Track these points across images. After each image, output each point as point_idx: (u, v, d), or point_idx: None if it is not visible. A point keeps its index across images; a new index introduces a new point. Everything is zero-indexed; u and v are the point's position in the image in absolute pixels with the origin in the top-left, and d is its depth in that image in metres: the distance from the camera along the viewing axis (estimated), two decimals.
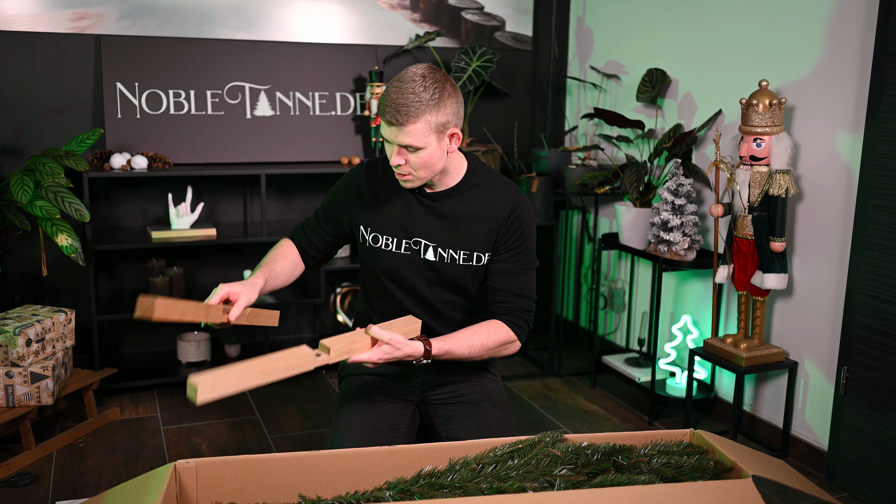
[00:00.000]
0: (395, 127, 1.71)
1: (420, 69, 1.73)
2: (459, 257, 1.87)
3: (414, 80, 1.70)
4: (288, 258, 2.00)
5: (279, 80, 3.44)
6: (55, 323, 2.66)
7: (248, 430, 2.88)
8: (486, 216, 1.86)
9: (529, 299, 1.91)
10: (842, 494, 2.49)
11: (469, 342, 1.83)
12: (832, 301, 2.58)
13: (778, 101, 2.52)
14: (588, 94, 3.77)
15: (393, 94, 1.70)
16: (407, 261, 1.88)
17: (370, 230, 1.90)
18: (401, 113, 1.69)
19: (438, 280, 1.89)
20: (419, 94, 1.69)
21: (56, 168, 2.69)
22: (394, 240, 1.88)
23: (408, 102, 1.69)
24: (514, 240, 1.87)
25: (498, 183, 1.89)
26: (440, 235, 1.86)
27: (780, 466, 1.71)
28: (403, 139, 1.72)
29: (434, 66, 1.76)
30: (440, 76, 1.73)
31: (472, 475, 1.55)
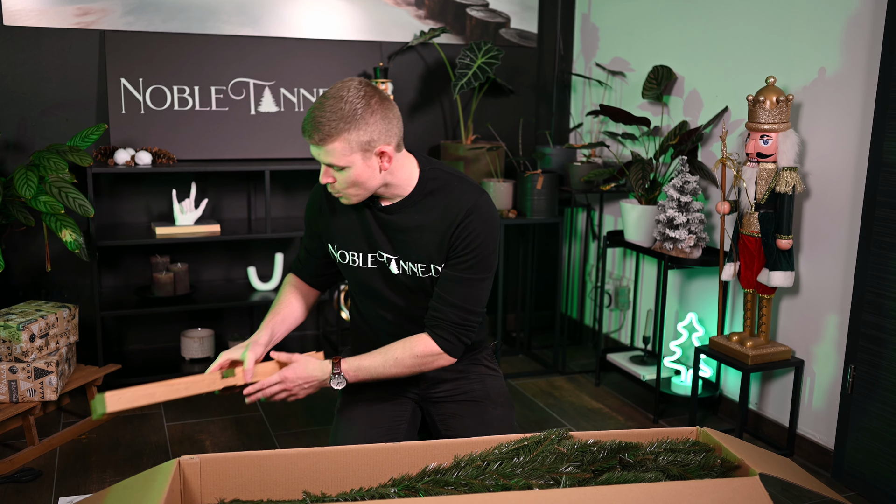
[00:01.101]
0: (315, 146, 1.66)
1: (347, 84, 1.65)
2: (418, 269, 1.82)
3: (336, 96, 1.63)
4: (294, 294, 2.00)
5: (284, 76, 3.43)
6: (59, 318, 2.66)
7: (252, 427, 2.87)
8: (439, 226, 1.78)
9: (469, 312, 1.79)
10: (848, 493, 2.47)
11: (383, 358, 1.80)
12: (839, 299, 2.56)
13: (785, 98, 2.51)
14: (593, 91, 3.76)
15: (315, 111, 1.64)
16: (376, 274, 1.86)
17: (337, 247, 1.88)
18: (318, 131, 1.63)
19: (409, 290, 1.86)
20: (338, 112, 1.62)
21: (60, 163, 2.69)
22: (359, 255, 1.85)
23: (326, 121, 1.62)
24: (464, 246, 1.76)
25: (455, 189, 1.78)
26: (399, 248, 1.82)
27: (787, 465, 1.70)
28: (326, 158, 1.67)
29: (366, 80, 1.69)
30: (367, 91, 1.65)
31: (477, 472, 1.54)
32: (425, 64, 3.71)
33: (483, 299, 1.82)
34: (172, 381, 1.82)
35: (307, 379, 1.80)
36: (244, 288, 3.44)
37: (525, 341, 3.77)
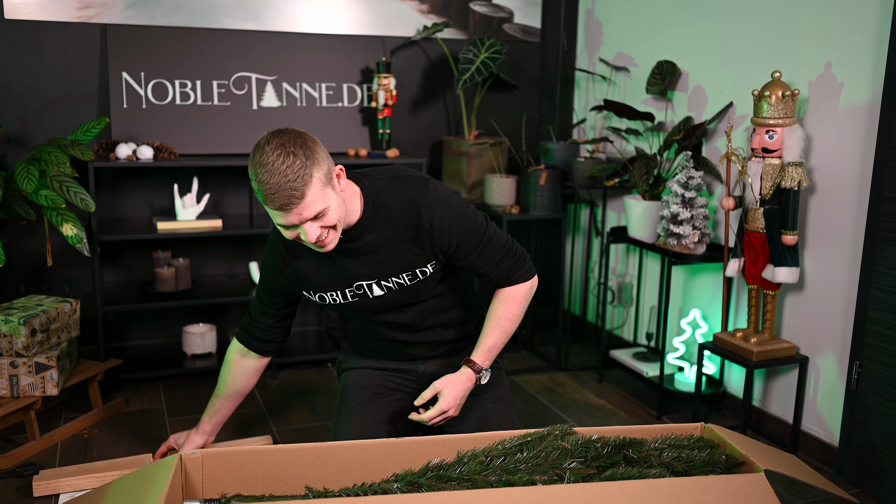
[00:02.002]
0: (293, 207, 1.60)
1: (271, 142, 1.60)
2: (404, 279, 1.83)
3: (276, 153, 1.57)
4: (236, 376, 2.08)
5: (286, 70, 3.42)
6: (60, 313, 2.65)
7: (254, 423, 2.86)
8: (404, 234, 1.78)
9: (509, 254, 1.87)
10: (853, 490, 2.46)
11: (502, 325, 1.87)
12: (844, 295, 2.55)
13: (791, 93, 2.49)
14: (597, 86, 3.74)
15: (269, 181, 1.57)
16: (360, 304, 1.86)
17: (313, 292, 1.88)
18: (294, 190, 1.58)
19: (398, 305, 1.87)
20: (293, 164, 1.57)
21: (61, 157, 2.67)
22: (337, 293, 1.85)
23: (292, 177, 1.57)
24: (456, 235, 1.79)
25: (400, 191, 1.78)
26: (375, 271, 1.81)
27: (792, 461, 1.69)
28: (308, 212, 1.62)
29: (275, 130, 1.64)
30: (291, 134, 1.62)
31: (480, 468, 1.53)
32: (428, 59, 3.69)
33: (504, 235, 1.89)
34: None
35: (462, 395, 1.85)
36: (246, 283, 3.43)
37: (528, 338, 3.76)
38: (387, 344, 1.97)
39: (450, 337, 1.97)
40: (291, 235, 1.68)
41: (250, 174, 1.62)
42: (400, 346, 1.97)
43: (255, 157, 1.60)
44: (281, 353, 3.38)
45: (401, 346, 1.97)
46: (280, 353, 3.38)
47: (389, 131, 3.48)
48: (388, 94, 3.40)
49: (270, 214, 1.65)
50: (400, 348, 1.97)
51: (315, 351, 3.47)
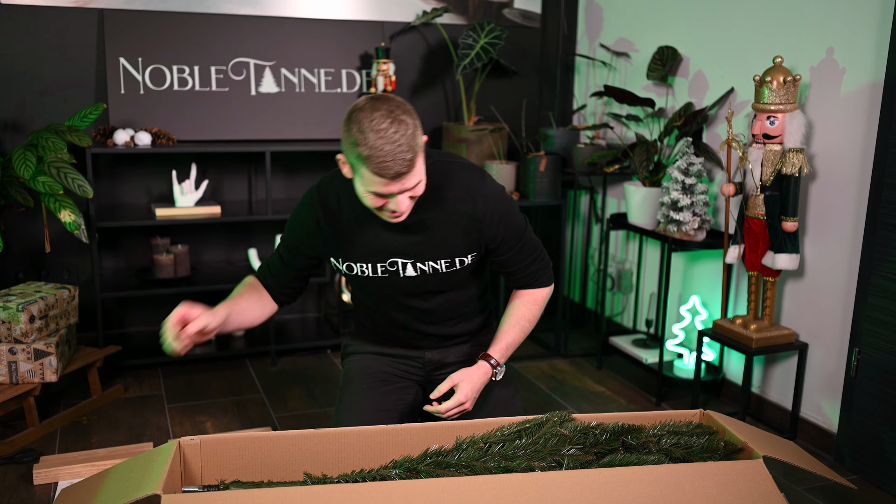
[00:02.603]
0: (403, 176, 1.56)
1: (379, 108, 1.55)
2: (441, 266, 1.80)
3: (388, 120, 1.53)
4: (255, 296, 1.90)
5: (284, 56, 3.40)
6: (58, 300, 2.65)
7: (253, 409, 2.86)
8: (456, 220, 1.76)
9: (539, 255, 1.91)
10: (851, 476, 2.46)
11: (522, 325, 1.89)
12: (844, 282, 2.54)
13: (792, 78, 2.48)
14: (597, 72, 3.72)
15: (384, 148, 1.52)
16: (387, 282, 1.82)
17: (342, 261, 1.82)
18: (406, 160, 1.54)
19: (426, 290, 1.85)
20: (406, 132, 1.54)
21: (59, 143, 2.66)
22: (368, 265, 1.80)
23: (403, 146, 1.53)
24: (503, 230, 1.80)
25: (455, 177, 1.76)
26: (415, 250, 1.78)
27: (790, 448, 1.69)
28: (411, 182, 1.59)
29: (372, 95, 1.61)
30: (394, 100, 1.58)
31: (479, 454, 1.53)
32: (427, 44, 3.67)
33: (537, 239, 1.92)
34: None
35: (479, 388, 1.84)
36: (245, 270, 3.43)
37: None
38: (396, 331, 1.94)
39: (461, 331, 1.96)
40: (377, 203, 1.62)
41: (352, 140, 1.55)
42: (410, 335, 1.94)
43: (363, 122, 1.54)
44: (281, 340, 3.38)
45: (411, 335, 1.94)
46: (280, 340, 3.38)
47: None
48: (387, 79, 3.38)
49: (364, 181, 1.58)
50: (409, 338, 1.95)
51: (314, 338, 3.47)
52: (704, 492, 1.40)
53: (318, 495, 1.34)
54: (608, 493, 1.38)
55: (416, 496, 1.34)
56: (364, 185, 1.59)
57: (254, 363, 3.31)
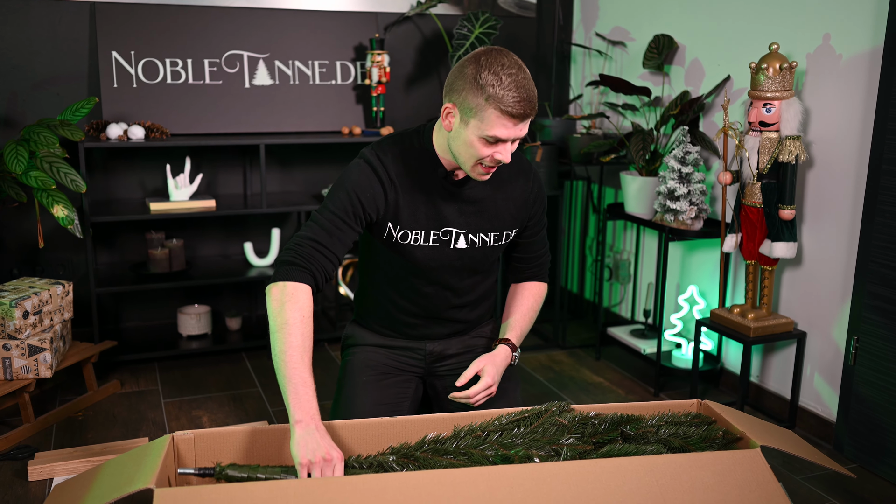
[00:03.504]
0: (528, 118, 1.63)
1: (506, 54, 1.61)
2: (490, 239, 1.84)
3: (517, 64, 1.60)
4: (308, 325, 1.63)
5: (278, 48, 3.38)
6: (52, 295, 2.63)
7: (250, 403, 2.85)
8: (510, 192, 1.84)
9: (548, 251, 2.00)
10: (850, 465, 2.46)
11: (530, 316, 1.96)
12: (842, 270, 2.53)
13: (788, 65, 2.46)
14: (593, 61, 3.70)
15: (519, 90, 1.58)
16: (435, 253, 1.81)
17: (399, 227, 1.77)
18: (534, 102, 1.61)
19: (466, 266, 1.86)
20: (529, 77, 1.62)
21: (51, 138, 2.64)
22: (422, 233, 1.79)
23: (531, 89, 1.60)
24: (537, 209, 1.91)
25: (514, 163, 1.86)
26: (469, 221, 1.81)
27: (789, 437, 1.68)
28: (524, 129, 1.65)
29: (485, 47, 1.65)
30: (510, 52, 1.65)
31: (476, 442, 1.52)
32: (422, 35, 3.65)
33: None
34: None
35: (502, 371, 1.87)
36: (241, 264, 3.41)
37: None
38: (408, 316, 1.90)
39: (471, 317, 1.97)
40: (486, 152, 1.63)
41: (481, 82, 1.57)
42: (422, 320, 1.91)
43: (493, 66, 1.58)
44: None
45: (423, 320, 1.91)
46: None
47: (384, 109, 3.44)
48: (381, 70, 3.36)
49: (485, 125, 1.59)
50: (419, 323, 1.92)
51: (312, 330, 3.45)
52: (702, 481, 1.40)
53: (311, 488, 1.33)
54: (605, 483, 1.37)
55: (410, 488, 1.33)
56: (483, 129, 1.60)
57: (251, 357, 3.30)
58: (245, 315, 3.59)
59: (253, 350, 3.37)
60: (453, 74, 1.65)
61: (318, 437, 1.47)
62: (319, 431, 1.49)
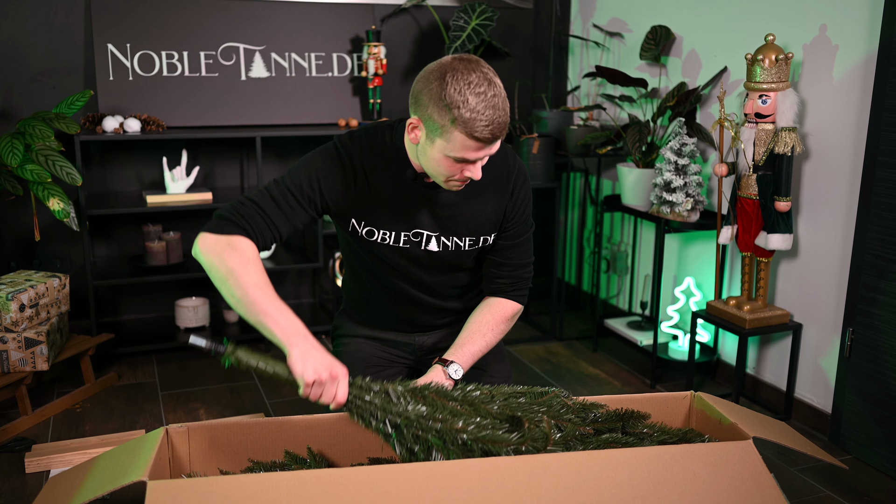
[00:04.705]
0: (498, 140, 1.53)
1: (475, 69, 1.49)
2: (464, 243, 1.77)
3: (486, 83, 1.49)
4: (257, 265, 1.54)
5: (274, 40, 3.37)
6: (49, 288, 2.63)
7: (247, 396, 2.86)
8: (488, 197, 1.74)
9: (529, 266, 1.85)
10: (845, 456, 2.46)
11: (483, 339, 1.78)
12: (838, 262, 2.53)
13: (784, 56, 2.45)
14: (591, 53, 3.69)
15: (486, 110, 1.47)
16: (405, 253, 1.76)
17: (363, 224, 1.71)
18: (504, 124, 1.51)
19: (439, 266, 1.80)
20: (501, 94, 1.51)
21: (46, 131, 2.64)
22: (391, 234, 1.72)
23: (500, 109, 1.50)
24: (519, 213, 1.79)
25: (495, 155, 1.72)
26: (443, 224, 1.73)
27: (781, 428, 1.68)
28: (495, 147, 1.56)
29: (457, 56, 1.54)
30: (481, 61, 1.54)
31: (484, 398, 1.52)
32: (419, 27, 3.64)
33: (532, 250, 1.87)
34: None
35: None
36: None
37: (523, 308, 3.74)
38: (391, 307, 1.88)
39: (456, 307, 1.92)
40: (453, 170, 1.56)
41: (446, 102, 1.47)
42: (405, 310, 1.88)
43: (460, 83, 1.47)
44: None
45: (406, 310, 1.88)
46: None
47: (380, 101, 3.44)
48: (378, 62, 3.35)
49: (450, 146, 1.51)
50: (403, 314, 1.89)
51: (309, 323, 3.41)
52: (694, 473, 1.40)
53: (304, 480, 1.34)
54: (597, 475, 1.37)
55: (403, 480, 1.33)
56: (448, 150, 1.52)
57: None
58: None
59: (250, 343, 3.37)
60: (419, 84, 1.54)
61: (318, 354, 1.44)
62: (317, 349, 1.45)
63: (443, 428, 1.42)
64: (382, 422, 1.47)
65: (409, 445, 1.45)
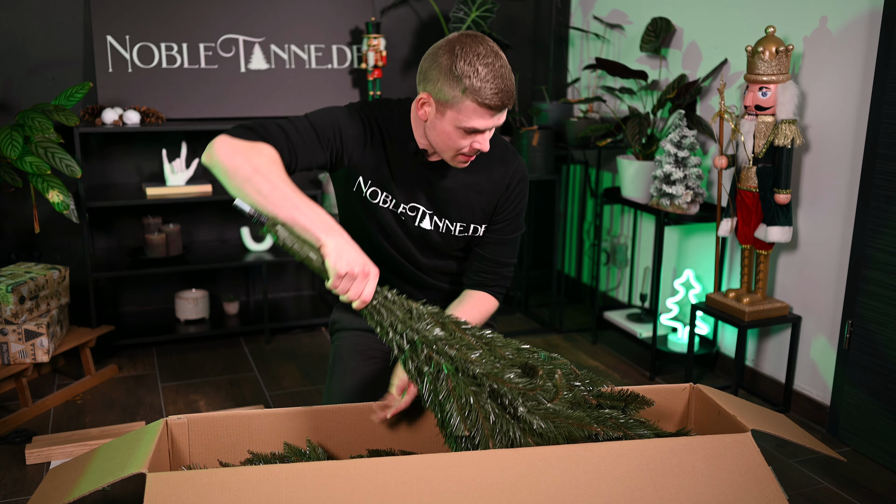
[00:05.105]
0: (504, 110, 1.60)
1: (482, 42, 1.56)
2: (455, 228, 1.80)
3: (493, 53, 1.55)
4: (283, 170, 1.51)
5: (274, 32, 3.36)
6: (49, 280, 2.64)
7: (247, 388, 2.86)
8: (485, 187, 1.78)
9: (511, 266, 1.88)
10: (843, 448, 2.47)
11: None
12: (837, 254, 2.53)
13: (785, 49, 2.44)
14: (591, 45, 3.68)
15: (497, 80, 1.54)
16: (402, 224, 1.79)
17: (370, 184, 1.74)
18: (512, 92, 1.58)
19: (429, 247, 1.83)
20: (507, 66, 1.58)
21: (45, 123, 2.64)
22: (392, 199, 1.75)
23: (508, 79, 1.56)
24: (510, 210, 1.82)
25: (497, 147, 1.79)
26: (439, 205, 1.77)
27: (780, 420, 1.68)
28: (502, 118, 1.62)
29: (461, 32, 1.60)
30: (486, 37, 1.59)
31: (500, 343, 1.53)
32: (419, 18, 3.63)
33: (517, 251, 1.90)
34: None
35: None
36: (238, 248, 3.42)
37: (522, 300, 3.75)
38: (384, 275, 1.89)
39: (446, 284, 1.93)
40: (462, 143, 1.61)
41: (457, 73, 1.53)
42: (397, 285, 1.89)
43: (469, 55, 1.53)
44: (275, 318, 3.38)
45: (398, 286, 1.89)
46: (274, 318, 3.37)
47: (380, 93, 3.43)
48: (377, 55, 3.35)
49: (461, 116, 1.56)
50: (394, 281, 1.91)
51: (309, 315, 3.46)
52: (692, 465, 1.40)
53: (303, 471, 1.34)
54: (596, 467, 1.38)
55: (402, 472, 1.34)
56: (459, 120, 1.57)
57: (248, 341, 3.31)
58: (242, 300, 3.59)
59: (250, 335, 3.38)
60: (427, 61, 1.60)
61: (353, 249, 1.42)
62: (352, 245, 1.43)
63: (457, 356, 1.42)
64: (400, 334, 1.46)
65: (418, 365, 1.44)
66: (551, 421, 1.43)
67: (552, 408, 1.46)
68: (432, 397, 1.42)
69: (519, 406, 1.43)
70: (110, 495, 2.11)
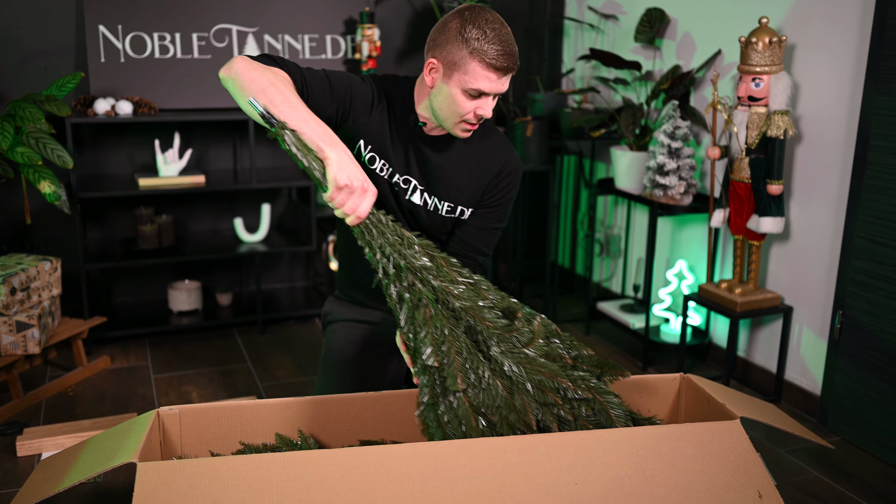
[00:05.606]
0: (509, 73, 1.63)
1: (485, 9, 1.63)
2: (443, 208, 1.83)
3: (499, 20, 1.62)
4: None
5: (267, 22, 3.35)
6: (40, 271, 2.63)
7: (240, 379, 2.86)
8: (475, 170, 1.81)
9: (486, 257, 1.91)
10: (834, 438, 2.48)
11: None
12: (829, 245, 2.53)
13: (778, 39, 2.44)
14: (586, 35, 3.67)
15: (502, 44, 1.59)
16: (394, 194, 1.82)
17: (370, 149, 1.77)
18: (516, 55, 1.62)
19: (417, 226, 1.85)
20: (511, 33, 1.62)
21: (36, 113, 2.62)
22: (389, 168, 1.78)
23: (512, 44, 1.61)
24: (497, 199, 1.85)
25: (492, 135, 1.83)
26: (429, 181, 1.80)
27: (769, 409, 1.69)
28: (506, 84, 1.66)
29: (469, 4, 1.65)
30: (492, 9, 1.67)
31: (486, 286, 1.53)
32: (413, 8, 3.62)
33: (495, 245, 1.94)
34: None
35: None
36: (231, 239, 3.41)
37: (516, 290, 3.75)
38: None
39: None
40: (468, 107, 1.64)
41: (464, 37, 1.59)
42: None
43: (477, 20, 1.60)
44: (268, 310, 3.38)
45: None
46: (268, 309, 3.37)
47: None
48: (372, 45, 3.34)
49: (469, 78, 1.60)
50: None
51: (302, 307, 3.46)
52: (681, 452, 1.41)
53: (294, 461, 1.34)
54: (585, 453, 1.38)
55: (392, 460, 1.34)
56: (465, 81, 1.61)
57: (241, 333, 3.31)
58: (236, 291, 3.59)
59: (244, 326, 3.38)
60: (436, 30, 1.66)
61: (355, 165, 1.47)
62: (354, 161, 1.48)
63: (440, 286, 1.44)
64: (387, 257, 1.48)
65: (400, 291, 1.46)
66: (523, 366, 1.44)
67: (526, 353, 1.46)
68: (409, 325, 1.43)
69: (493, 346, 1.44)
70: (101, 486, 2.11)
